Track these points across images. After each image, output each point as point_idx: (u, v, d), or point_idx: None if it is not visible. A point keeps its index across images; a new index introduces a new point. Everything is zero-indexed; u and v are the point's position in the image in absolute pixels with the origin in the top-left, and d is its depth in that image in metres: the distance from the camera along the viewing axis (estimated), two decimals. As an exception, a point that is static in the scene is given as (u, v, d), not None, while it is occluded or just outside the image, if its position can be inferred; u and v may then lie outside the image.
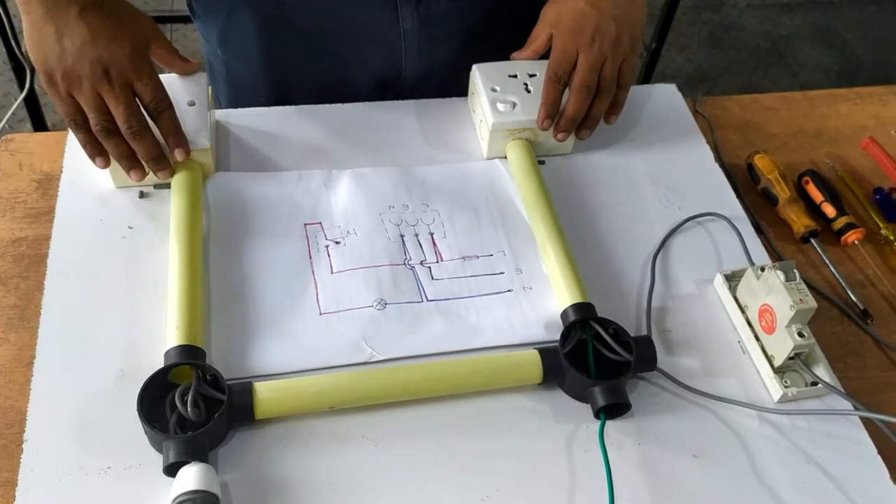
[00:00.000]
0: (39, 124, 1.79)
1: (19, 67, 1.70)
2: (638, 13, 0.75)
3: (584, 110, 0.74)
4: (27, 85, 1.70)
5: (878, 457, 0.61)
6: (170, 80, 0.72)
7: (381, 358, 0.62)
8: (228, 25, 0.83)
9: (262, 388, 0.58)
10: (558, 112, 0.74)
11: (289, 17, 0.81)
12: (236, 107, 0.81)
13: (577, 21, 0.73)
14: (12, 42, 1.66)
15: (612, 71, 0.73)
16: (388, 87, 0.84)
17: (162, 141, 0.66)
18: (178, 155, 0.66)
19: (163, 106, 0.65)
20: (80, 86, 0.63)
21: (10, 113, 1.67)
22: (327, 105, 0.81)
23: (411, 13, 0.80)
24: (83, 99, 0.63)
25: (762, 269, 0.64)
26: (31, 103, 1.76)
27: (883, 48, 2.42)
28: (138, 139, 0.64)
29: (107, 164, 0.66)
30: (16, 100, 1.72)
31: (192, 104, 0.71)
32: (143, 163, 0.66)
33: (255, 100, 0.83)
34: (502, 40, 0.80)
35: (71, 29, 0.62)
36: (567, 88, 0.74)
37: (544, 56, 0.78)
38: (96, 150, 0.65)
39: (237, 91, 0.87)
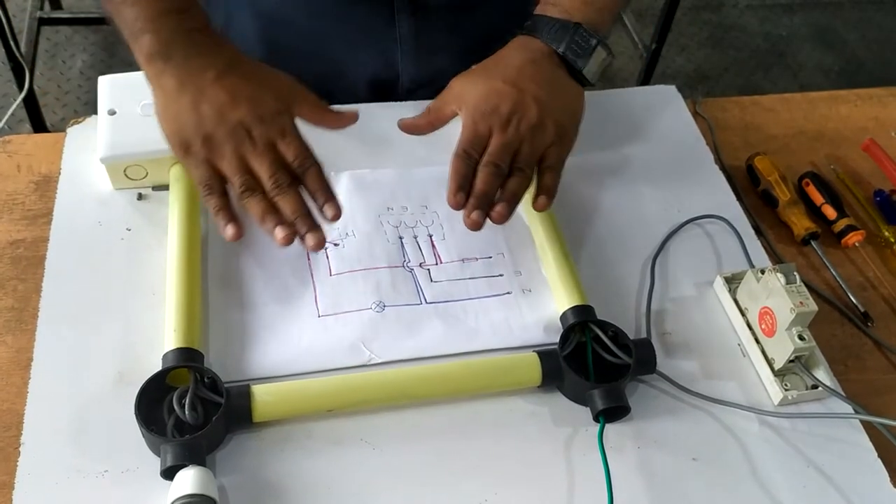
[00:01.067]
0: (39, 125, 1.79)
1: (18, 67, 1.70)
2: (570, 101, 0.67)
3: (493, 188, 0.63)
4: (26, 85, 1.70)
5: (879, 460, 0.60)
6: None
7: (380, 360, 0.62)
8: (228, 25, 0.83)
9: (259, 391, 0.57)
10: (469, 189, 0.63)
11: (288, 18, 0.80)
12: None
13: (491, 100, 0.64)
14: (11, 42, 1.66)
15: (529, 153, 0.64)
16: (385, 93, 0.84)
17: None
18: (328, 211, 0.60)
19: (308, 163, 0.60)
20: (221, 151, 0.59)
21: (9, 113, 1.67)
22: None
23: (407, 19, 0.79)
24: (226, 163, 0.59)
25: (762, 272, 0.64)
26: (31, 103, 1.76)
27: (883, 49, 2.42)
28: (285, 195, 0.59)
29: (240, 235, 0.59)
30: (15, 100, 1.72)
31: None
32: (292, 221, 0.59)
33: None
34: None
35: (208, 95, 0.59)
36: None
37: None
38: (229, 217, 0.59)
39: None
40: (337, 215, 0.60)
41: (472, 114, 0.65)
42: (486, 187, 0.62)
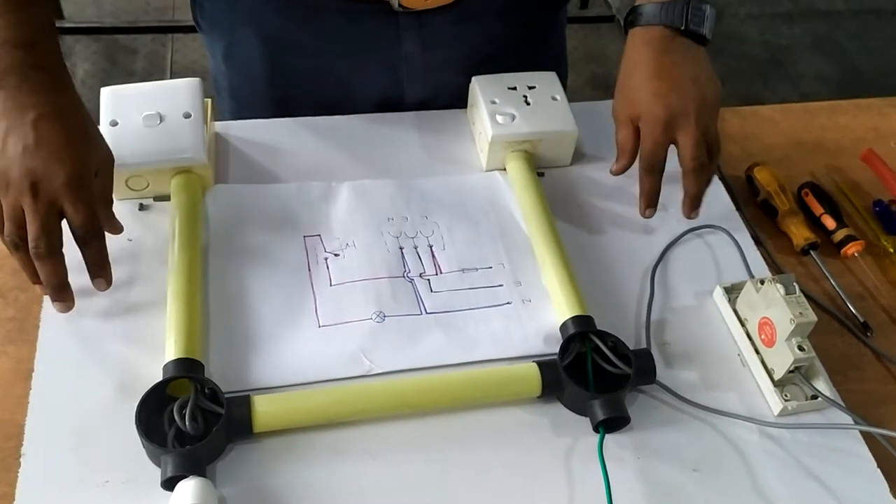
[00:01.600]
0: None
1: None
2: (707, 68, 0.71)
3: (704, 186, 0.70)
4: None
5: (878, 471, 0.60)
6: (166, 88, 0.73)
7: (380, 371, 0.62)
8: (233, 42, 0.83)
9: (260, 402, 0.57)
10: (658, 196, 0.71)
11: (292, 38, 0.80)
12: (240, 119, 0.81)
13: (655, 110, 0.68)
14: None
15: (714, 133, 0.70)
16: (390, 109, 0.84)
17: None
18: (97, 286, 0.62)
19: (92, 235, 0.60)
20: (6, 191, 0.58)
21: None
22: (327, 117, 0.82)
23: (414, 37, 0.79)
24: (6, 204, 0.58)
25: (762, 282, 0.64)
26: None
27: (882, 58, 2.43)
28: (42, 261, 0.58)
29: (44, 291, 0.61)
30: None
31: (187, 116, 0.71)
32: (45, 289, 0.60)
33: (258, 116, 0.82)
34: (507, 67, 0.80)
35: (18, 132, 0.57)
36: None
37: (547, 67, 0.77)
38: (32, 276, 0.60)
39: (240, 106, 0.87)
40: (105, 288, 0.62)
41: (644, 128, 0.70)
42: (699, 188, 0.70)
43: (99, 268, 0.61)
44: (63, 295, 0.61)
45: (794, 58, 2.40)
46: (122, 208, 0.70)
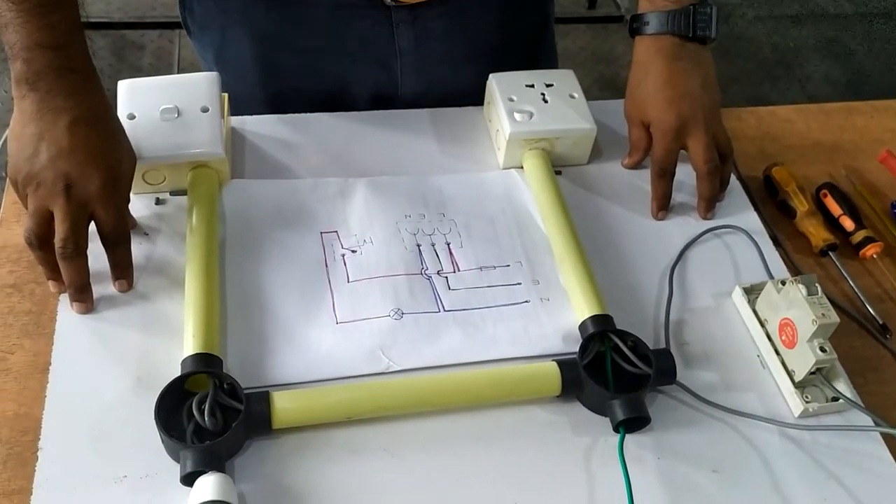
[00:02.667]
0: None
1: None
2: (712, 72, 0.75)
3: (717, 187, 0.74)
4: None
5: (900, 473, 0.60)
6: (184, 82, 0.72)
7: (398, 368, 0.62)
8: (224, 43, 0.83)
9: (279, 398, 0.57)
10: (669, 199, 0.75)
11: (284, 33, 0.80)
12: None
13: (667, 116, 0.72)
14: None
15: (724, 141, 0.74)
16: (384, 105, 0.83)
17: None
18: (119, 287, 0.63)
19: (121, 238, 0.62)
20: (35, 191, 0.59)
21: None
22: (343, 112, 0.81)
23: (407, 31, 0.79)
24: (32, 204, 0.59)
25: (783, 283, 0.64)
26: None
27: (890, 61, 2.42)
28: (68, 262, 0.59)
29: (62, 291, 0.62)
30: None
31: (205, 110, 0.70)
32: (67, 288, 0.61)
33: (256, 111, 0.82)
34: (502, 62, 0.80)
35: (54, 135, 0.59)
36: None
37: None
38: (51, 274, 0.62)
39: (234, 106, 0.86)
40: (127, 289, 0.63)
41: (655, 134, 0.74)
42: (713, 191, 0.74)
43: (123, 270, 0.63)
44: (84, 296, 0.62)
45: (801, 60, 2.39)
46: (138, 202, 0.70)
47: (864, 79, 2.35)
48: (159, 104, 0.70)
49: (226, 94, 0.75)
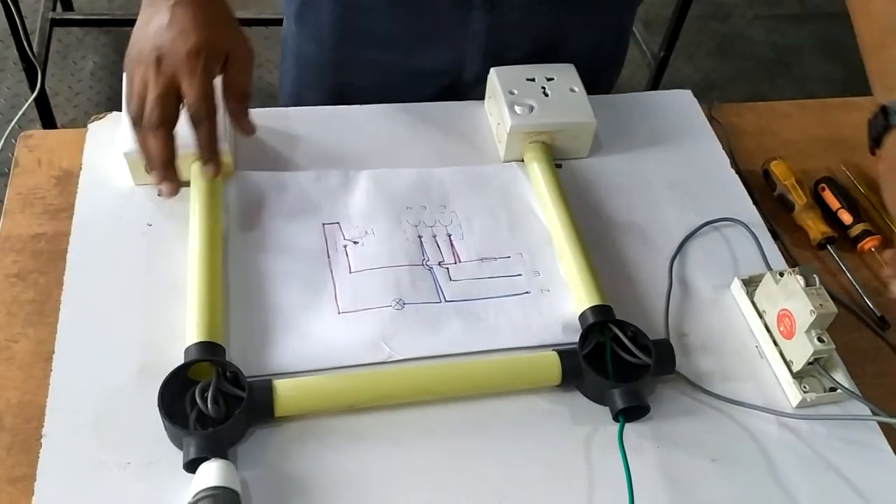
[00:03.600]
0: (49, 125, 1.80)
1: (30, 68, 1.71)
2: None
3: None
4: (38, 85, 1.70)
5: (898, 463, 0.61)
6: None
7: (400, 358, 0.62)
8: (306, 2, 0.84)
9: (281, 386, 0.57)
10: None
11: (367, 5, 0.81)
12: (298, 87, 0.85)
13: None
14: (24, 42, 1.66)
15: None
16: (446, 86, 0.84)
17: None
18: (207, 171, 0.65)
19: (203, 115, 0.62)
20: (136, 69, 0.62)
21: (20, 113, 1.68)
22: (344, 106, 0.82)
23: (483, 16, 0.80)
24: (136, 82, 0.62)
25: (781, 274, 0.65)
26: (42, 104, 1.77)
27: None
28: (153, 132, 0.61)
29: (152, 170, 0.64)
30: (27, 100, 1.73)
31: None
32: (151, 166, 0.63)
33: (318, 81, 0.85)
34: (568, 54, 0.81)
35: (159, 15, 0.63)
36: None
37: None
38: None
39: (302, 71, 0.88)
40: (215, 174, 0.65)
41: None
42: None
43: (208, 150, 0.64)
44: (168, 174, 0.63)
45: (800, 59, 2.40)
46: (141, 194, 0.70)
47: (862, 78, 2.35)
48: (163, 96, 0.70)
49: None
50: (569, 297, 0.68)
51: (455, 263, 0.69)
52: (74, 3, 2.12)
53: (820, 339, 0.61)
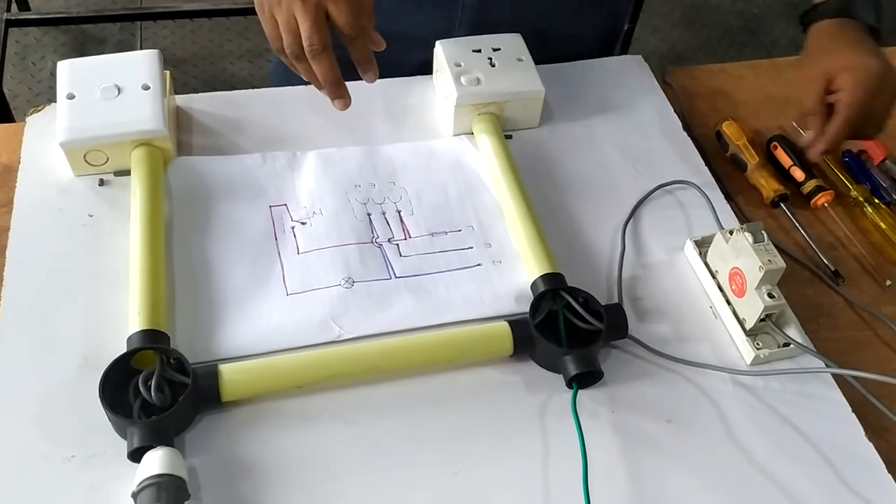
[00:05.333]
0: (5, 116, 1.77)
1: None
2: None
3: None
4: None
5: (853, 415, 0.61)
6: (123, 60, 0.71)
7: (350, 336, 0.62)
8: None
9: (227, 370, 0.57)
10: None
11: None
12: None
13: (864, 78, 0.70)
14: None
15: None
16: (431, 57, 0.81)
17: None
18: (369, 78, 0.67)
19: (357, 32, 0.64)
20: (279, 6, 0.63)
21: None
22: (290, 87, 0.80)
23: None
24: (281, 20, 0.63)
25: (731, 233, 0.64)
26: (1, 106, 1.74)
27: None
28: (318, 58, 0.64)
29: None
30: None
31: (146, 88, 0.69)
32: (324, 87, 0.66)
33: None
34: (560, 38, 0.81)
35: None
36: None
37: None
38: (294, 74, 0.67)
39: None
40: (374, 80, 0.68)
41: (853, 78, 0.69)
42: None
43: (366, 63, 0.67)
44: (341, 91, 0.67)
45: (767, 26, 2.39)
46: (81, 184, 0.69)
47: (829, 42, 2.35)
48: (99, 83, 0.69)
49: (168, 72, 0.74)
50: (521, 267, 0.67)
51: (405, 239, 0.68)
52: (31, 3, 2.09)
53: (770, 295, 0.61)
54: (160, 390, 0.55)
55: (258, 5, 0.65)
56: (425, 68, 0.81)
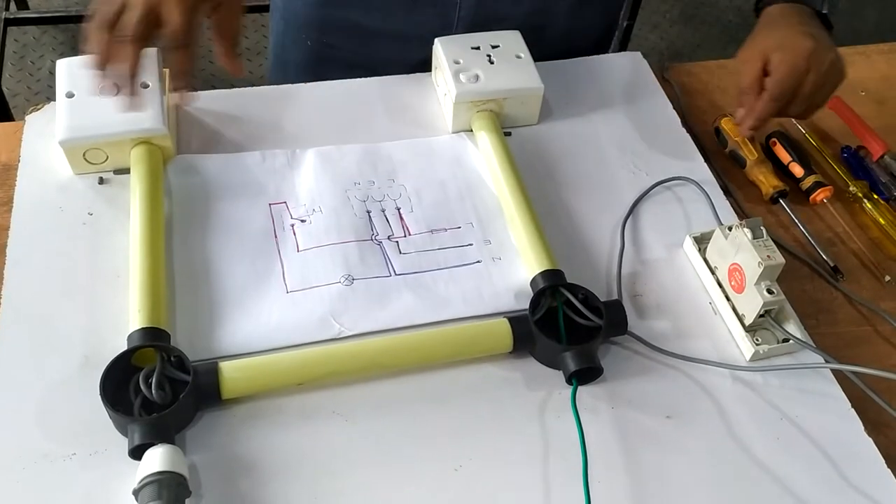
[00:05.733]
0: (4, 115, 1.76)
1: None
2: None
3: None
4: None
5: (852, 410, 0.61)
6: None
7: (350, 333, 0.62)
8: None
9: (228, 368, 0.57)
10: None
11: None
12: (282, 43, 0.87)
13: (805, 37, 0.71)
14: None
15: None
16: (433, 42, 0.81)
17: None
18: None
19: (176, 44, 0.61)
20: None
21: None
22: (289, 85, 0.80)
23: None
24: (107, 2, 0.61)
25: (730, 229, 0.64)
26: (0, 104, 1.74)
27: (853, 20, 2.43)
28: (122, 45, 0.61)
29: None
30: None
31: (145, 86, 0.69)
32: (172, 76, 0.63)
33: (300, 40, 0.85)
34: (557, 34, 0.80)
35: None
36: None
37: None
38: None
39: (286, 27, 0.88)
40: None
41: (784, 57, 0.70)
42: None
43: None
44: (132, 87, 0.62)
45: (766, 22, 2.39)
46: (80, 183, 0.69)
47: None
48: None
49: (167, 70, 0.73)
50: (520, 264, 0.67)
51: (405, 237, 0.68)
52: (30, 1, 2.09)
53: (769, 291, 0.61)
54: (161, 388, 0.55)
55: None
56: (424, 67, 0.81)
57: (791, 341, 0.62)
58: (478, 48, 0.77)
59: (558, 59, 0.84)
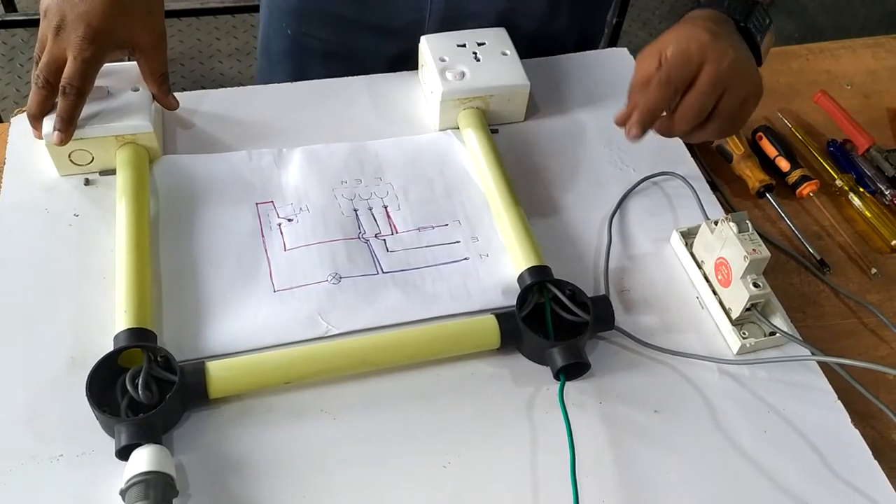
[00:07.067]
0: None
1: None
2: (754, 66, 0.67)
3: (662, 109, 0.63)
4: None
5: (839, 402, 0.61)
6: (117, 68, 0.71)
7: (338, 332, 0.62)
8: None
9: (215, 367, 0.57)
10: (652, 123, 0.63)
11: None
12: (267, 33, 0.88)
13: (697, 50, 0.62)
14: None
15: (731, 102, 0.63)
16: (406, 50, 0.82)
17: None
18: (55, 138, 0.65)
19: (70, 90, 0.64)
20: (44, 21, 0.65)
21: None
22: (276, 84, 0.80)
23: None
24: (40, 29, 0.66)
25: (716, 223, 0.64)
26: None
27: (842, 15, 2.44)
28: (36, 90, 0.65)
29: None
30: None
31: (135, 90, 0.69)
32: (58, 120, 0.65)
33: (282, 29, 0.87)
34: (528, 31, 0.80)
35: None
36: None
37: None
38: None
39: (270, 17, 0.89)
40: (58, 143, 0.65)
41: (672, 58, 0.61)
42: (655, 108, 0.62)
43: (62, 122, 0.65)
44: (35, 124, 0.67)
45: (755, 18, 2.39)
46: (66, 184, 0.69)
47: (816, 34, 2.37)
48: (85, 84, 0.69)
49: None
50: (507, 260, 0.67)
51: (392, 234, 0.68)
52: (17, 4, 2.08)
53: (755, 285, 0.61)
54: (147, 388, 0.55)
55: (43, 3, 0.66)
56: (402, 60, 0.81)
57: (778, 334, 0.62)
58: (464, 45, 0.77)
59: (538, 57, 0.84)
